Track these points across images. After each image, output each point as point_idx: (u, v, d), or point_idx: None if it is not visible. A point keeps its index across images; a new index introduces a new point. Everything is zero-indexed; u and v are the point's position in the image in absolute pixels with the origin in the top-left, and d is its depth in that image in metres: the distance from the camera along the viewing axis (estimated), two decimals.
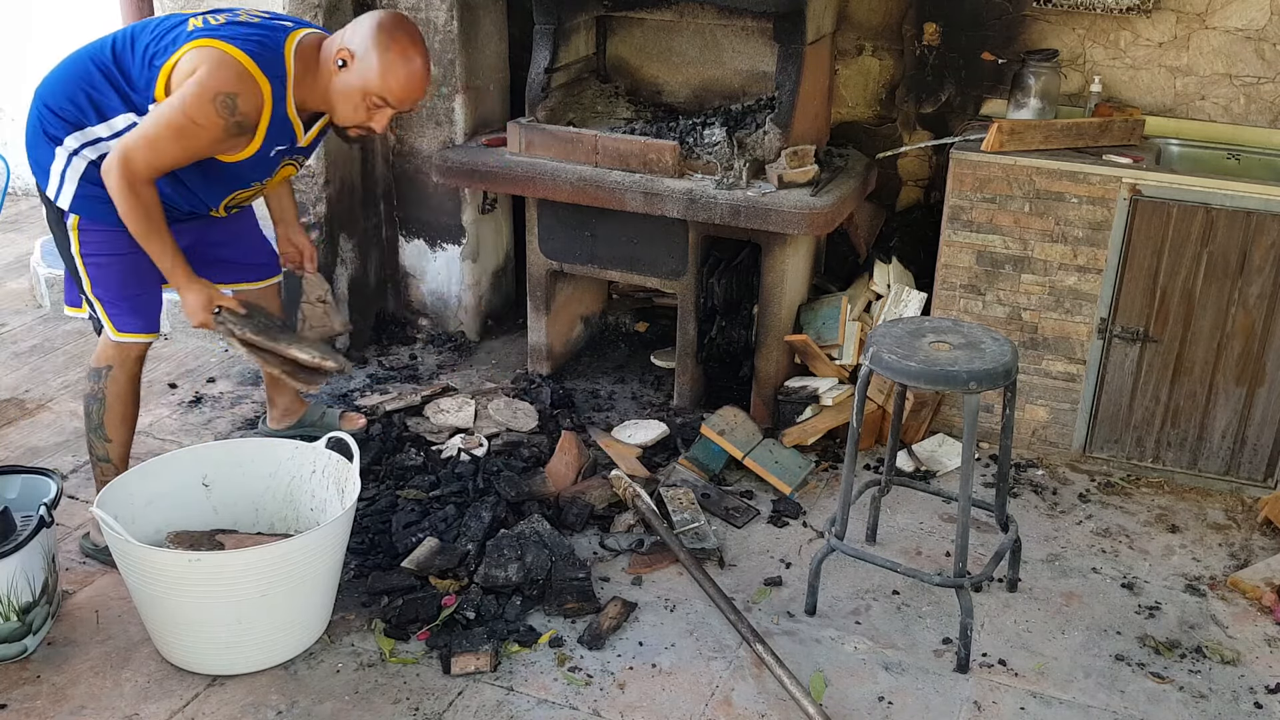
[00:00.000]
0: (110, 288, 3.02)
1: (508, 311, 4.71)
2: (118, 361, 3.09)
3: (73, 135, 2.90)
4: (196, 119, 2.74)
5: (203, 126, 2.76)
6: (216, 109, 2.74)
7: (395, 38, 2.83)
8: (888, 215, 4.32)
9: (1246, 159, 3.70)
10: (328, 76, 2.88)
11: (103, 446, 3.15)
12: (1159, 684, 2.86)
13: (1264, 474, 3.58)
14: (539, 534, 3.13)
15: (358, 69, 2.84)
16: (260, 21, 2.91)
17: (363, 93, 2.86)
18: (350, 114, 2.91)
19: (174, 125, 2.75)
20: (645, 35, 4.24)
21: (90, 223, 2.95)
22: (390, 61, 2.82)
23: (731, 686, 2.81)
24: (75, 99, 2.90)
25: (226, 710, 2.70)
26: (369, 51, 2.82)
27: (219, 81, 2.74)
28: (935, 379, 2.71)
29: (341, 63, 2.85)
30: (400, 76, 2.84)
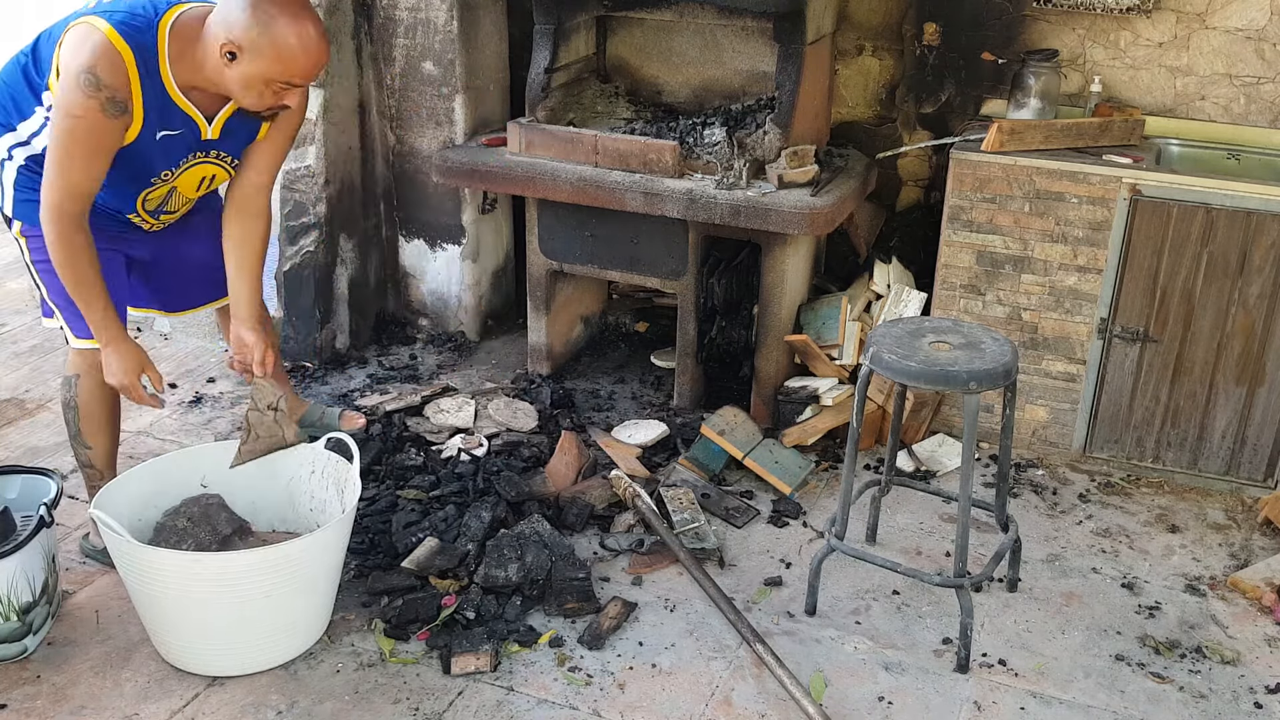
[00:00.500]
0: (63, 294, 2.84)
1: (508, 311, 4.71)
2: (83, 369, 2.99)
3: (5, 137, 2.81)
4: (73, 110, 2.56)
5: (81, 116, 2.57)
6: (84, 90, 2.55)
7: (271, 12, 2.59)
8: (888, 215, 4.32)
9: (1246, 159, 3.70)
10: (208, 52, 2.65)
11: (85, 453, 3.11)
12: (1159, 684, 2.86)
13: (1264, 474, 3.58)
14: (539, 534, 3.13)
15: (248, 59, 2.61)
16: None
17: (264, 80, 2.65)
18: (258, 101, 2.70)
19: (65, 132, 2.59)
20: (645, 35, 4.24)
21: (33, 228, 2.82)
22: (282, 42, 2.59)
23: (731, 686, 2.81)
24: (3, 102, 2.80)
25: (226, 710, 2.70)
26: (254, 37, 2.59)
27: (77, 60, 2.55)
28: (935, 379, 2.71)
29: (230, 55, 2.61)
30: (297, 54, 2.61)
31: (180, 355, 4.35)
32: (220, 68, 2.65)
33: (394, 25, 4.20)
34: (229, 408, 4.00)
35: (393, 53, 4.23)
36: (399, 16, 4.18)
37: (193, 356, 4.34)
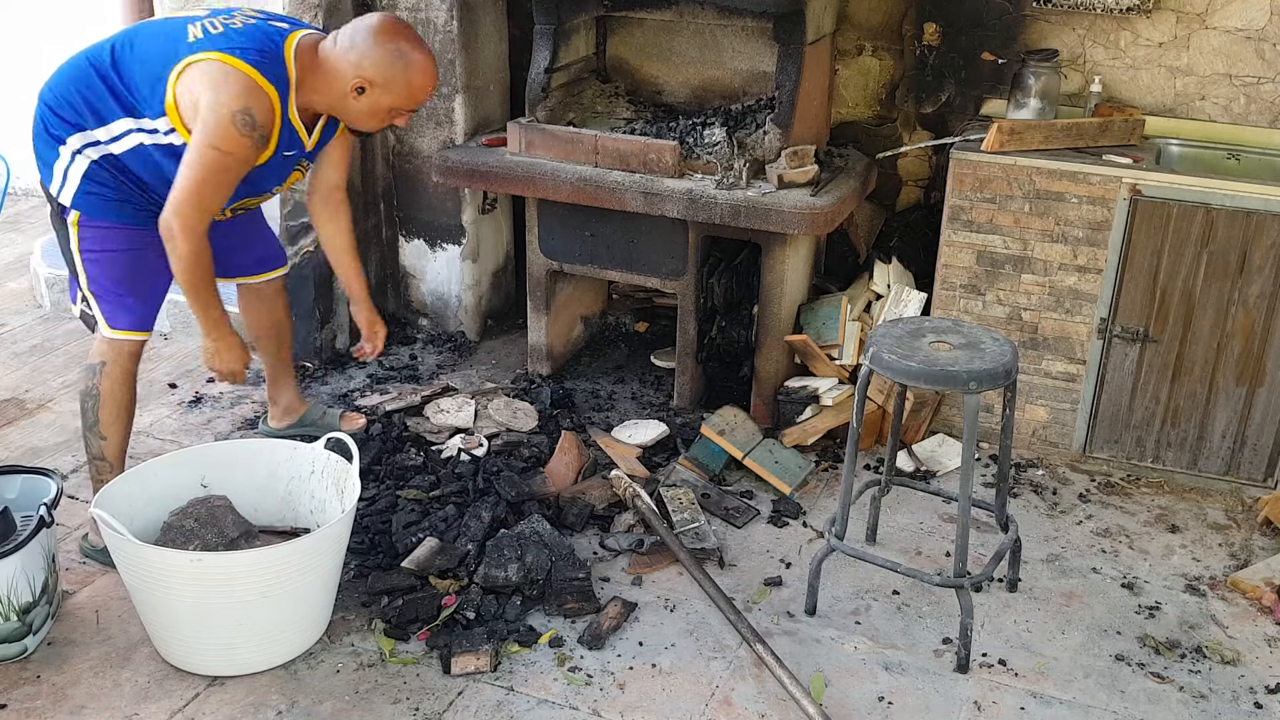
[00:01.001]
0: (106, 284, 3.03)
1: (508, 311, 4.71)
2: (111, 358, 3.08)
3: (75, 135, 2.92)
4: (223, 147, 2.77)
5: (232, 153, 2.79)
6: (238, 129, 2.77)
7: (407, 48, 2.89)
8: (888, 215, 4.32)
9: (1246, 159, 3.70)
10: (337, 93, 2.91)
11: (98, 444, 3.14)
12: (1159, 684, 2.86)
13: (1264, 474, 3.58)
14: (539, 534, 3.13)
15: (379, 92, 2.90)
16: (257, 24, 2.91)
17: (389, 109, 2.95)
18: (374, 125, 3.02)
19: (209, 165, 2.78)
20: (645, 35, 4.24)
21: (90, 219, 2.97)
22: (414, 75, 2.90)
23: (731, 686, 2.81)
24: (74, 102, 2.91)
25: (226, 710, 2.70)
26: (387, 73, 2.87)
27: (230, 100, 2.75)
28: (935, 379, 2.71)
29: (361, 90, 2.89)
30: (420, 84, 2.92)
31: (180, 355, 4.35)
32: (345, 98, 2.91)
33: None
34: (229, 408, 4.00)
35: None
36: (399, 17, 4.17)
37: (192, 356, 4.34)
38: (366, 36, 2.88)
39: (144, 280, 3.06)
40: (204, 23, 2.86)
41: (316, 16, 3.98)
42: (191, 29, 2.85)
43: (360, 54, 2.87)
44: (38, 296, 4.77)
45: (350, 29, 2.92)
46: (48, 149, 2.97)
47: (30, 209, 5.74)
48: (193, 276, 2.90)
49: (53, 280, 4.67)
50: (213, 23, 2.86)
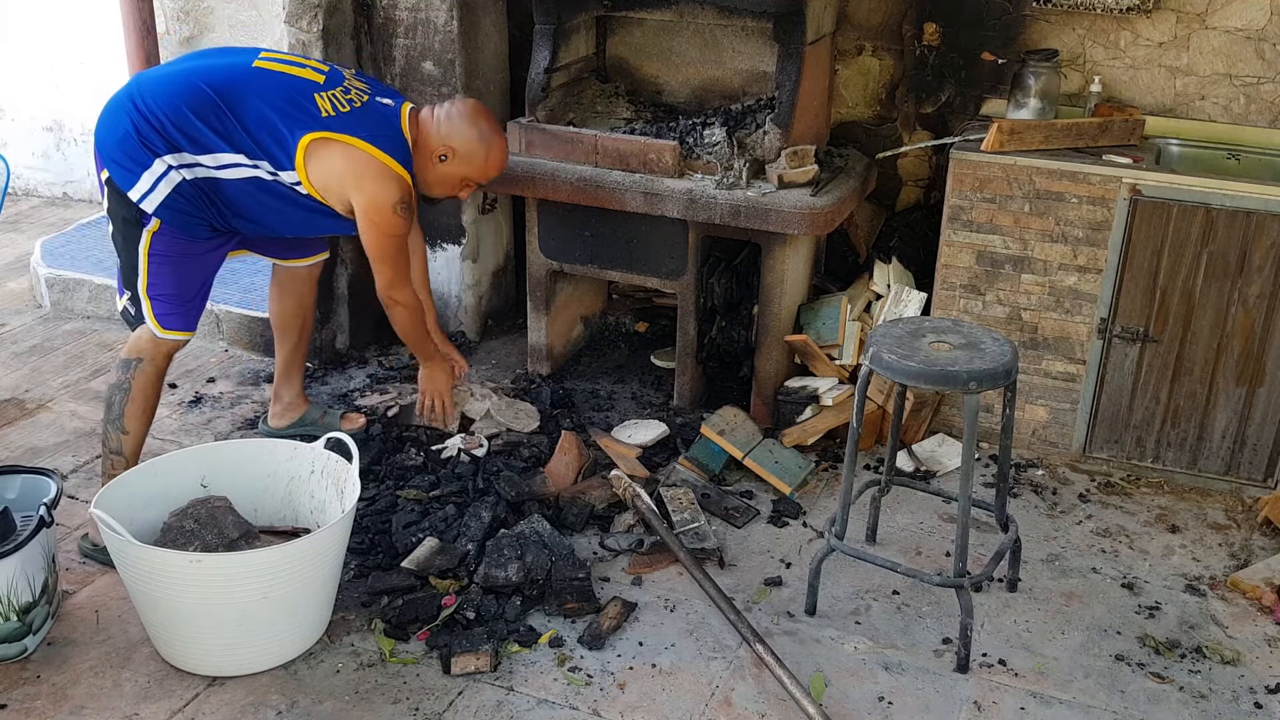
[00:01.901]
0: (167, 288, 3.16)
1: (508, 311, 4.71)
2: (149, 355, 3.20)
3: (172, 154, 3.04)
4: (396, 233, 3.20)
5: (401, 234, 3.23)
6: (401, 215, 3.18)
7: (489, 131, 3.29)
8: (888, 215, 4.32)
9: (1246, 159, 3.70)
10: (423, 158, 3.26)
11: (118, 439, 3.20)
12: (1159, 684, 2.86)
13: (1264, 474, 3.58)
14: (539, 534, 3.13)
15: (459, 162, 3.28)
16: (373, 104, 3.21)
17: (462, 179, 3.33)
18: (445, 192, 3.37)
19: (388, 248, 3.23)
20: (645, 35, 4.24)
21: (170, 229, 3.11)
22: (491, 154, 3.31)
23: (731, 686, 2.81)
24: (180, 124, 3.04)
25: (226, 710, 2.70)
26: (470, 146, 3.26)
27: (389, 196, 3.14)
28: (935, 379, 2.71)
29: (443, 158, 3.26)
30: (495, 162, 3.33)
31: (180, 355, 4.30)
32: (427, 162, 3.27)
33: (394, 25, 4.20)
34: (229, 407, 4.00)
35: (393, 53, 4.23)
36: (399, 16, 4.17)
37: (193, 356, 4.34)
38: (461, 113, 3.29)
39: (199, 284, 3.25)
40: (330, 96, 3.14)
41: (316, 16, 3.98)
42: (320, 101, 3.11)
43: (453, 127, 3.26)
44: (38, 296, 4.77)
45: (448, 105, 3.32)
46: (139, 155, 3.04)
47: (30, 209, 5.74)
48: (407, 333, 3.44)
49: (53, 280, 4.67)
50: (337, 98, 3.14)
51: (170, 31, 4.95)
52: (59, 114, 5.64)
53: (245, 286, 4.51)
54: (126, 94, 3.10)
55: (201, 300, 3.27)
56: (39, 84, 5.61)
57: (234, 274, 4.53)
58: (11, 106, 5.73)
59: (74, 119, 5.57)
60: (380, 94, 3.27)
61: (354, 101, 3.17)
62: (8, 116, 5.79)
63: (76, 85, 5.46)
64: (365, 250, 3.26)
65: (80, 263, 4.75)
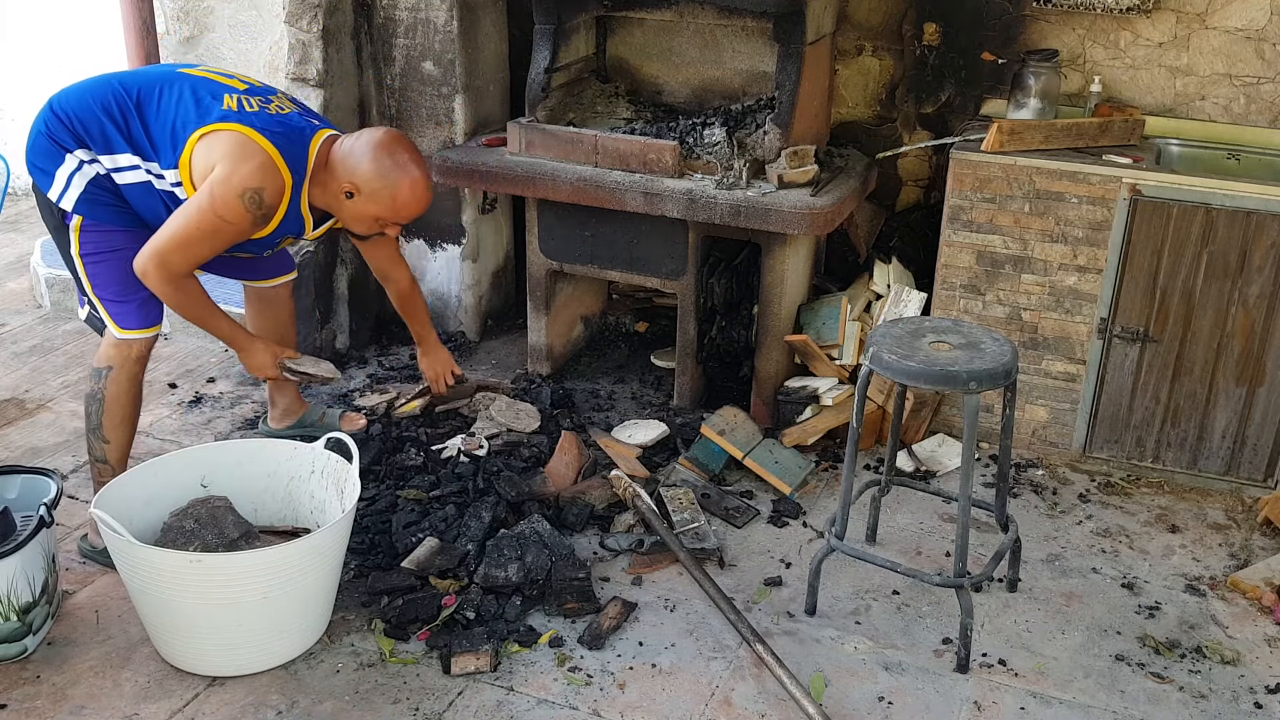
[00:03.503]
0: (112, 286, 3.05)
1: (508, 311, 4.71)
2: (118, 362, 3.10)
3: (81, 150, 2.97)
4: (225, 216, 2.86)
5: (231, 223, 2.88)
6: (245, 206, 2.86)
7: (396, 167, 2.97)
8: (888, 215, 4.32)
9: (1246, 159, 3.70)
10: (333, 192, 3.02)
11: (101, 448, 3.15)
12: (1159, 684, 2.86)
13: (1264, 474, 3.58)
14: (539, 534, 3.13)
15: (364, 200, 2.99)
16: (291, 114, 3.03)
17: (375, 218, 3.05)
18: (364, 230, 3.12)
19: (205, 226, 2.87)
20: (645, 35, 4.24)
21: (93, 223, 3.01)
22: (399, 193, 2.98)
23: (731, 686, 2.81)
24: (86, 121, 2.97)
25: (226, 710, 2.70)
26: (374, 183, 2.96)
27: (245, 177, 2.85)
28: (935, 379, 2.71)
29: (349, 195, 2.99)
30: (407, 201, 3.01)
31: (180, 355, 4.35)
32: (339, 198, 3.02)
33: (394, 25, 4.20)
34: (229, 407, 4.00)
35: (393, 53, 4.23)
36: (399, 16, 4.18)
37: (193, 356, 4.34)
38: (366, 146, 2.98)
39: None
40: (241, 97, 2.97)
41: (316, 16, 3.98)
42: (228, 99, 2.95)
43: (356, 161, 2.97)
44: (38, 296, 4.77)
45: (356, 135, 3.03)
46: (51, 155, 2.99)
47: (30, 209, 5.73)
48: (185, 309, 3.03)
49: (53, 280, 4.67)
50: (250, 100, 2.97)
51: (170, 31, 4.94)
52: None
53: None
54: (47, 102, 3.04)
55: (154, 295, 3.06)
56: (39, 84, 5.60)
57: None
58: (12, 106, 5.73)
59: None
60: (307, 114, 3.12)
61: (267, 109, 2.98)
62: (8, 116, 5.79)
63: None
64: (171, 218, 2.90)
65: None
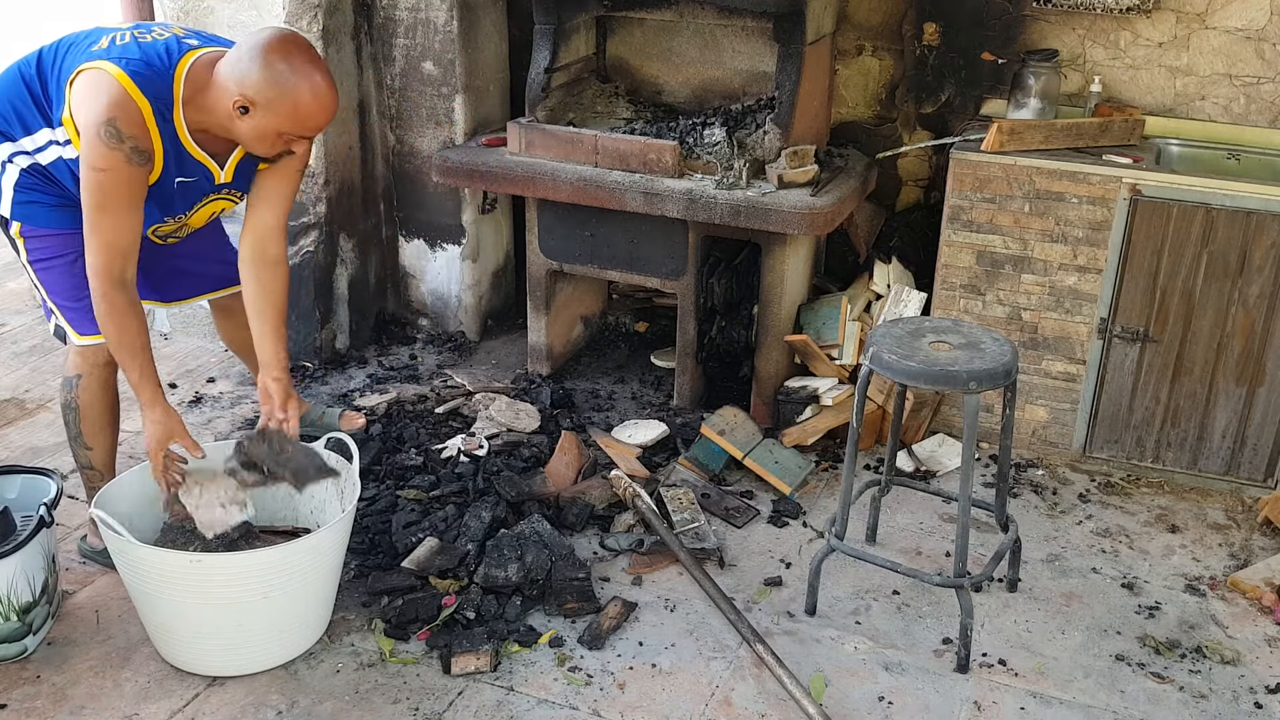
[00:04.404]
0: (64, 291, 2.91)
1: (508, 311, 4.71)
2: (84, 369, 2.98)
3: (4, 144, 2.82)
4: (98, 165, 2.57)
5: (107, 170, 2.58)
6: (105, 142, 2.56)
7: (291, 69, 2.60)
8: (888, 215, 4.32)
9: (1246, 159, 3.70)
10: (218, 101, 2.66)
11: (85, 454, 3.10)
12: (1159, 684, 2.86)
13: (1264, 474, 3.58)
14: (539, 534, 3.13)
15: (261, 114, 2.63)
16: (163, 40, 2.71)
17: (276, 133, 2.67)
18: (269, 150, 2.74)
19: (92, 189, 2.59)
20: (645, 35, 4.24)
21: (33, 229, 2.87)
22: (295, 98, 2.61)
23: (731, 686, 2.81)
24: (3, 112, 2.80)
25: (226, 710, 2.70)
26: (267, 93, 2.60)
27: (94, 111, 2.56)
28: (935, 379, 2.71)
29: (243, 110, 2.63)
30: (311, 109, 2.64)
31: (180, 355, 4.36)
32: (231, 118, 2.65)
33: (394, 25, 4.20)
34: (229, 407, 4.00)
35: (393, 53, 4.24)
36: (399, 16, 4.18)
37: (193, 356, 4.34)
38: (253, 52, 2.61)
39: None
40: (116, 34, 2.70)
41: (316, 16, 3.98)
42: (103, 40, 2.69)
43: (244, 71, 2.60)
44: (38, 297, 4.76)
45: (240, 44, 2.67)
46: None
47: None
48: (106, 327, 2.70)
49: None
50: (123, 34, 2.69)
51: None
52: None
53: None
54: None
55: None
56: None
57: None
58: None
59: None
60: (195, 38, 2.77)
61: (142, 38, 2.68)
62: None
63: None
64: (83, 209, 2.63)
65: None
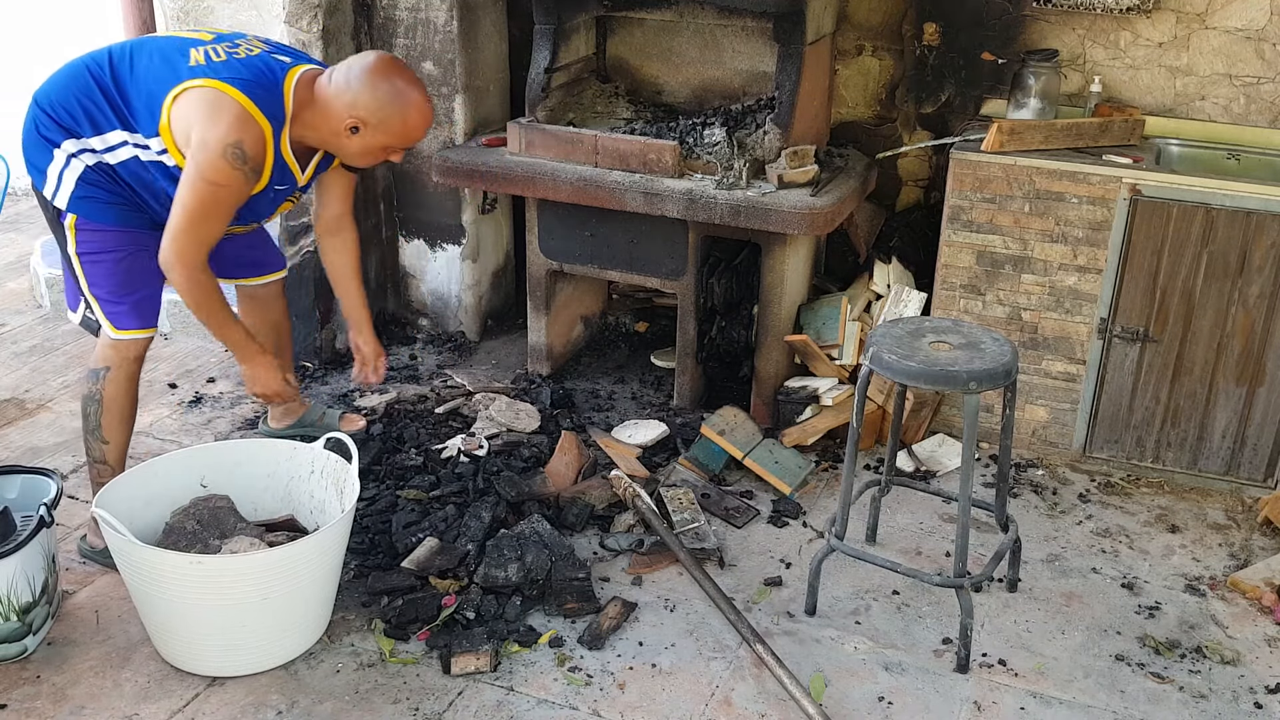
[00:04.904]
0: (107, 286, 3.02)
1: (508, 311, 4.71)
2: (115, 362, 3.08)
3: (69, 141, 2.92)
4: (218, 181, 2.78)
5: (225, 186, 2.79)
6: (230, 163, 2.76)
7: (399, 90, 2.88)
8: (888, 215, 4.32)
9: (1246, 159, 3.70)
10: (330, 130, 2.91)
11: (99, 448, 3.14)
12: (1159, 684, 2.86)
13: (1264, 474, 3.58)
14: (539, 534, 3.13)
15: (371, 132, 2.90)
16: (260, 55, 2.91)
17: (383, 148, 2.96)
18: (369, 162, 3.04)
19: (203, 199, 2.79)
20: (645, 35, 4.24)
21: (87, 222, 2.97)
22: (404, 117, 2.89)
23: (731, 686, 2.81)
24: (70, 108, 2.91)
25: (226, 710, 2.70)
26: (380, 112, 2.87)
27: (224, 133, 2.75)
28: (935, 379, 2.71)
29: (355, 129, 2.89)
30: (415, 123, 2.93)
31: (180, 355, 4.36)
32: (339, 135, 2.91)
33: (394, 25, 4.20)
34: (229, 407, 4.00)
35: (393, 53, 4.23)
36: (399, 16, 4.18)
37: (193, 356, 4.34)
38: (361, 76, 2.87)
39: (144, 280, 3.05)
40: (207, 49, 2.86)
41: (316, 16, 3.98)
42: (194, 53, 2.85)
43: (355, 94, 2.87)
44: (38, 296, 4.77)
45: (346, 67, 2.92)
46: (41, 152, 2.95)
47: (30, 209, 5.73)
48: (198, 305, 2.94)
49: (53, 280, 4.67)
50: (216, 49, 2.86)
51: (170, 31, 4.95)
52: None
53: None
54: (33, 98, 2.99)
55: (153, 294, 3.08)
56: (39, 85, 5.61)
57: None
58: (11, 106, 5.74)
59: None
60: (278, 52, 2.97)
61: (235, 53, 2.86)
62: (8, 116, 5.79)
63: None
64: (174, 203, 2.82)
65: None
